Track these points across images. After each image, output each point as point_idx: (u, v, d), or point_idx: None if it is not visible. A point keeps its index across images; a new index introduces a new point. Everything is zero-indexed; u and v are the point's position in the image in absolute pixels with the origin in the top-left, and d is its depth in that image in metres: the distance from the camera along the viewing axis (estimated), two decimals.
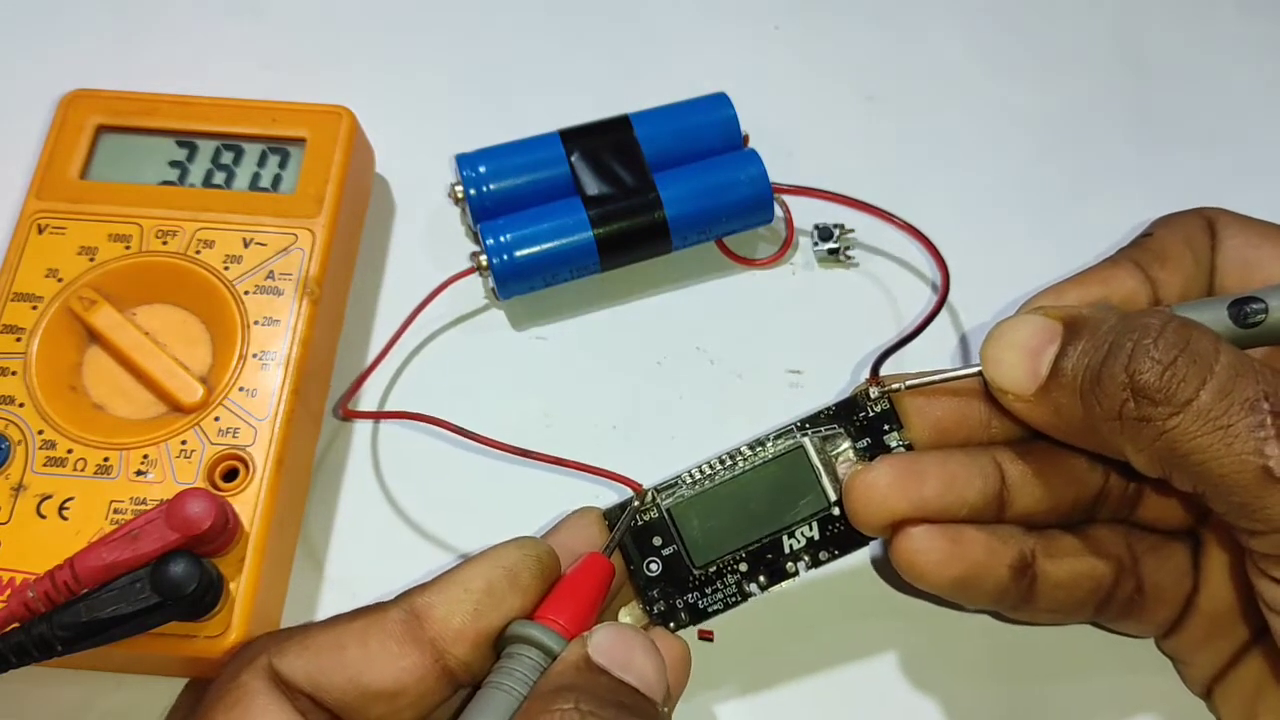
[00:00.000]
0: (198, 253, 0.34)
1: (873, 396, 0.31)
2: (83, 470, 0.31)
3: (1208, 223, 0.32)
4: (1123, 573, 0.31)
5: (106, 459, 0.32)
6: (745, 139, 0.39)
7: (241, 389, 0.33)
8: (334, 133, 0.37)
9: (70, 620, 0.27)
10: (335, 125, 0.37)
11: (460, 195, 0.37)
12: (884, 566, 0.34)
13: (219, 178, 0.36)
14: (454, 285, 0.36)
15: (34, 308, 0.33)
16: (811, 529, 0.31)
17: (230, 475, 0.32)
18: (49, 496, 0.31)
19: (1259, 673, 0.30)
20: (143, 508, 0.31)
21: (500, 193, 0.37)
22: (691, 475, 0.31)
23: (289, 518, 0.33)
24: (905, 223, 0.36)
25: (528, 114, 0.39)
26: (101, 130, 0.37)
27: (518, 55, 0.44)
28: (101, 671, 0.32)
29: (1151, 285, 0.31)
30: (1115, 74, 0.44)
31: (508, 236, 0.36)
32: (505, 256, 0.36)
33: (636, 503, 0.31)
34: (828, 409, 0.31)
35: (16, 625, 0.27)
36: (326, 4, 0.44)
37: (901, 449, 0.31)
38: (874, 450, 0.31)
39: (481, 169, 0.37)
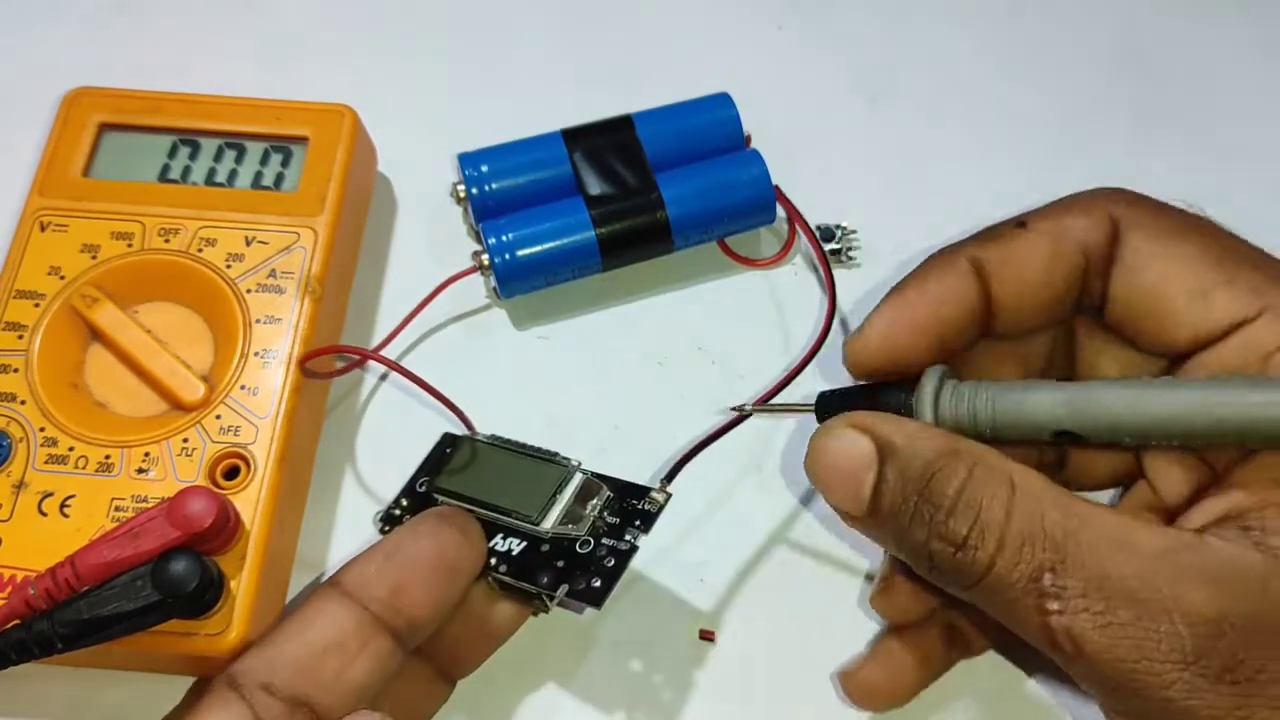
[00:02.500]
0: (200, 251, 0.34)
1: (658, 500, 0.30)
2: (84, 468, 0.31)
3: (1111, 225, 0.28)
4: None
5: (108, 457, 0.32)
6: (747, 139, 0.39)
7: (243, 387, 0.33)
8: (336, 132, 0.37)
9: (71, 618, 0.27)
10: (338, 124, 0.37)
11: (462, 194, 0.37)
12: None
13: (221, 176, 0.36)
14: (456, 284, 0.36)
15: (36, 305, 0.33)
16: (515, 545, 0.30)
17: (231, 473, 0.32)
18: (50, 494, 0.31)
19: None
20: (144, 505, 0.31)
21: (502, 192, 0.37)
22: (499, 438, 0.33)
23: (290, 516, 0.33)
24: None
25: (530, 113, 0.39)
26: (104, 128, 0.37)
27: (520, 54, 0.44)
28: (102, 669, 0.32)
29: (985, 297, 0.29)
30: (1117, 75, 0.44)
31: (510, 236, 0.36)
32: (507, 256, 0.36)
33: (466, 432, 0.33)
34: (619, 480, 0.31)
35: (17, 622, 0.27)
36: (329, 3, 0.45)
37: (627, 545, 0.29)
38: (615, 528, 0.30)
39: (484, 168, 0.37)
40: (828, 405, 0.30)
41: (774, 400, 0.32)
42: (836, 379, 0.37)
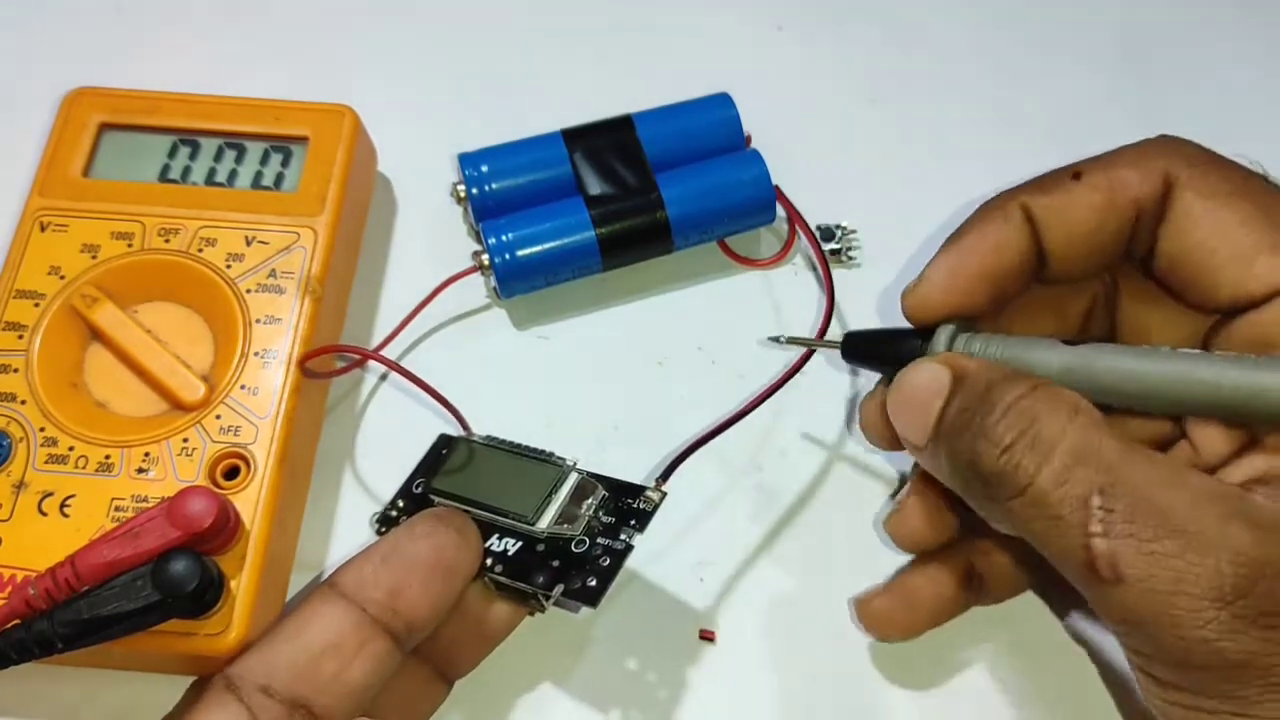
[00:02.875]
0: (200, 251, 0.34)
1: (653, 499, 0.30)
2: (84, 468, 0.31)
3: (1164, 181, 0.28)
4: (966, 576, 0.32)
5: (108, 456, 0.32)
6: (747, 139, 0.39)
7: (243, 387, 0.33)
8: (336, 131, 0.37)
9: (71, 617, 0.27)
10: (338, 124, 0.37)
11: (462, 194, 0.37)
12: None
13: (221, 176, 0.36)
14: (456, 284, 0.36)
15: (36, 305, 0.33)
16: (511, 545, 0.30)
17: (231, 473, 0.32)
18: (50, 494, 0.31)
19: None
20: (144, 505, 0.31)
21: (502, 192, 0.37)
22: (494, 438, 0.33)
23: (290, 516, 0.33)
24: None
25: (530, 113, 0.39)
26: (104, 128, 0.37)
27: (520, 54, 0.44)
28: (102, 669, 0.32)
29: (1037, 245, 0.29)
30: (1116, 75, 0.44)
31: (510, 235, 0.36)
32: (507, 255, 0.36)
33: (463, 433, 0.33)
34: (614, 480, 0.31)
35: (17, 622, 0.27)
36: (329, 2, 0.45)
37: (623, 544, 0.29)
38: (610, 528, 0.29)
39: (484, 168, 0.37)
40: (853, 344, 0.32)
41: (806, 337, 0.35)
42: (835, 381, 0.37)
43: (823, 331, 0.35)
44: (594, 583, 0.28)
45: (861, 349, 0.32)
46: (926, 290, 0.30)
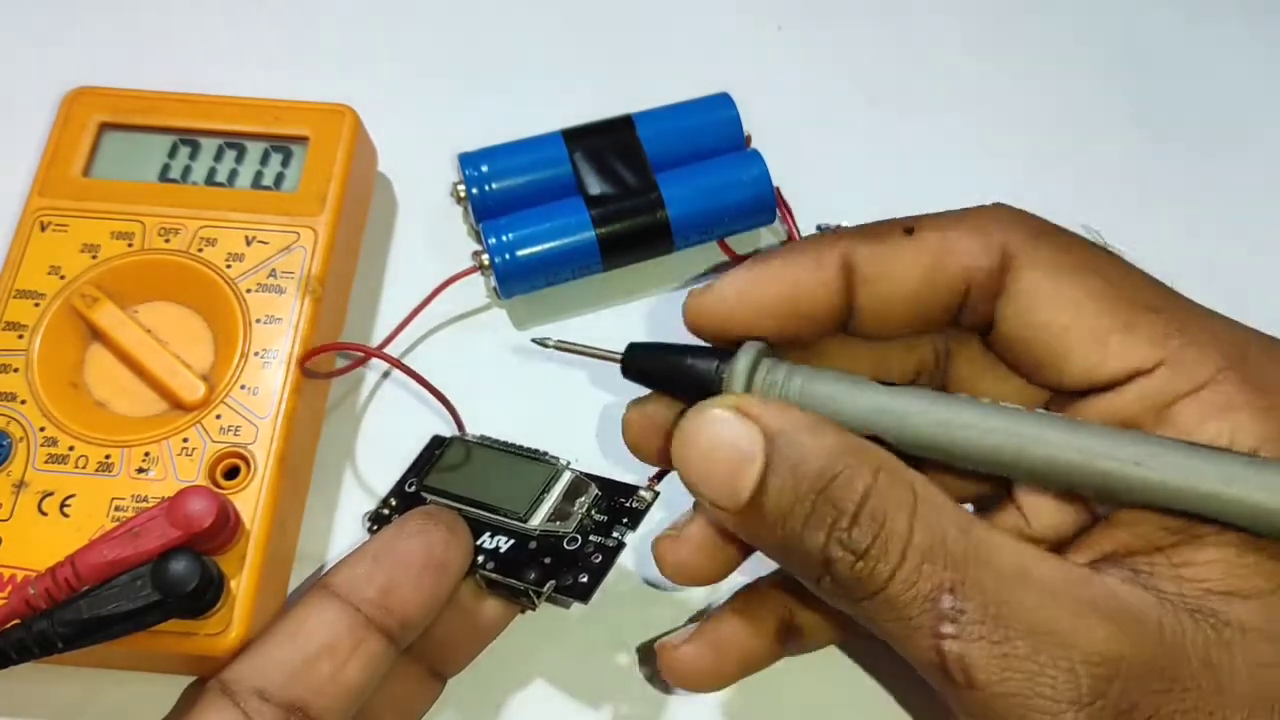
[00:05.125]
0: (200, 251, 0.34)
1: (645, 498, 0.30)
2: (84, 467, 0.31)
3: (1002, 254, 0.26)
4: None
5: (108, 456, 0.32)
6: (748, 139, 0.39)
7: (243, 387, 0.33)
8: (337, 131, 0.37)
9: (71, 617, 0.27)
10: (338, 124, 0.37)
11: (463, 194, 0.37)
12: None
13: (221, 176, 0.36)
14: (456, 284, 0.36)
15: (36, 305, 0.33)
16: (503, 543, 0.30)
17: (231, 473, 0.32)
18: (50, 494, 0.31)
19: None
20: (144, 505, 0.31)
21: (502, 192, 0.37)
22: (488, 438, 0.32)
23: (290, 516, 0.33)
24: None
25: (530, 113, 0.39)
26: (104, 128, 0.37)
27: (521, 54, 0.44)
28: (102, 669, 0.32)
29: (848, 297, 0.27)
30: (1117, 74, 0.44)
31: (510, 236, 0.36)
32: (507, 256, 0.36)
33: (457, 433, 0.33)
34: (606, 479, 0.31)
35: (17, 622, 0.27)
36: (329, 2, 0.45)
37: (615, 541, 0.29)
38: (603, 525, 0.29)
39: (484, 168, 0.37)
40: (636, 359, 0.28)
41: (580, 342, 0.30)
42: None
43: None
44: (586, 579, 0.28)
45: (647, 367, 0.28)
46: (712, 302, 0.27)
